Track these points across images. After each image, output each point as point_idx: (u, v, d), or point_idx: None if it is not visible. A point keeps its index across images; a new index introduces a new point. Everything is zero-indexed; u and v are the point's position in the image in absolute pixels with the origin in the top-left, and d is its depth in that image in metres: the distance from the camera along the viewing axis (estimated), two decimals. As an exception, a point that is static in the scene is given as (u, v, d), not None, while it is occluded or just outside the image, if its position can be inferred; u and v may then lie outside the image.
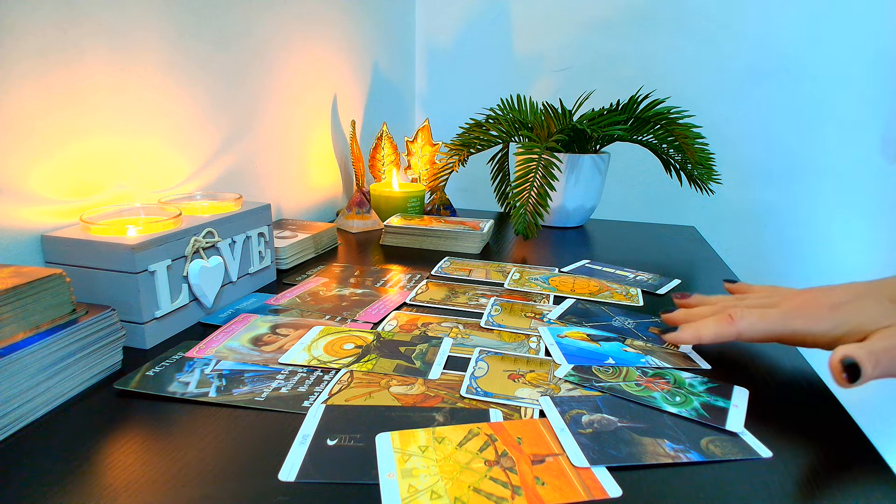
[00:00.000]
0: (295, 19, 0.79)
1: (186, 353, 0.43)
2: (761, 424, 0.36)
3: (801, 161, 1.16)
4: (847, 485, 0.30)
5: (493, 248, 0.79)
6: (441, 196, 0.98)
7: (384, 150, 0.96)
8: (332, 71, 0.93)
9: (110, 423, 0.34)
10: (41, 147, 0.45)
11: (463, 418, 0.35)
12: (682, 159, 0.86)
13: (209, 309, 0.51)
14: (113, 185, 0.52)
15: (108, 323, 0.39)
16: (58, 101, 0.46)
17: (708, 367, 0.44)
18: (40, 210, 0.45)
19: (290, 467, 0.30)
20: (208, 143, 0.64)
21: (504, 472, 0.30)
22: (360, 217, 0.86)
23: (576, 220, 0.94)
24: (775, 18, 1.10)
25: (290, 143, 0.82)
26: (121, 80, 0.52)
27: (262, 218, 0.57)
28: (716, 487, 0.30)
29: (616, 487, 0.29)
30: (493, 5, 1.23)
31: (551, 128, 0.83)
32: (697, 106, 0.94)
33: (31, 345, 0.34)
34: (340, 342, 0.45)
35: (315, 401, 0.37)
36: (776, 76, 1.13)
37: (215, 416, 0.35)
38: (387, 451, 0.32)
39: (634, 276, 0.66)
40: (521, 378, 0.41)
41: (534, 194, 0.77)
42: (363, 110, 1.06)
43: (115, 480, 0.29)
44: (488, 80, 1.27)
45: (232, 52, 0.67)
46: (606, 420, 0.36)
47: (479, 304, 0.55)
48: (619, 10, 1.16)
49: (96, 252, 0.42)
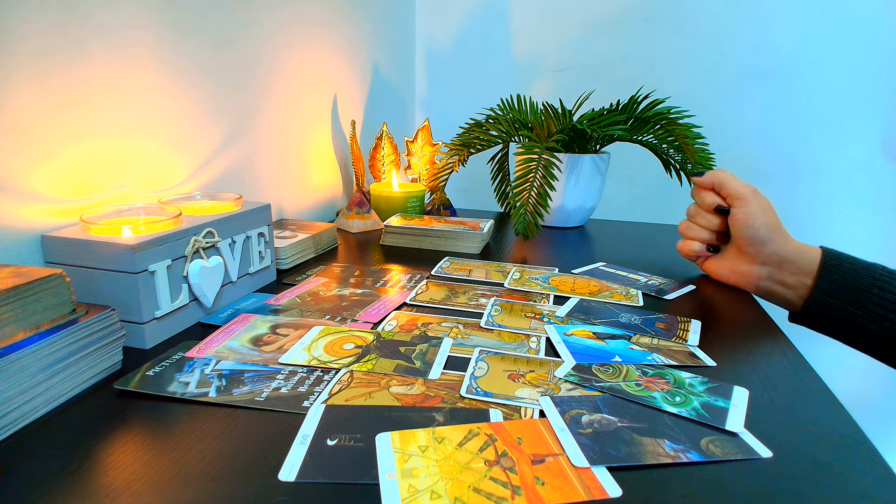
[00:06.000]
0: (295, 20, 0.79)
1: (186, 353, 0.43)
2: (761, 424, 0.36)
3: (801, 161, 1.16)
4: (847, 485, 0.30)
5: (493, 248, 0.79)
6: (441, 196, 0.98)
7: (384, 150, 0.96)
8: (332, 71, 0.93)
9: (110, 423, 0.34)
10: (41, 147, 0.45)
11: (463, 418, 0.35)
12: (682, 159, 0.86)
13: (209, 309, 0.51)
14: (113, 185, 0.52)
15: (108, 323, 0.39)
16: (58, 101, 0.46)
17: (713, 364, 0.44)
18: (40, 210, 0.45)
19: (290, 467, 0.30)
20: (208, 143, 0.64)
21: (504, 472, 0.30)
22: (360, 217, 0.86)
23: (576, 220, 0.94)
24: (775, 18, 1.10)
25: (290, 143, 0.82)
26: (121, 81, 0.52)
27: (262, 218, 0.57)
28: (716, 487, 0.30)
29: (616, 487, 0.29)
30: (493, 5, 1.23)
31: (551, 128, 0.83)
32: (697, 106, 0.94)
33: (31, 345, 0.34)
34: (340, 342, 0.45)
35: (315, 401, 0.37)
36: (776, 76, 1.13)
37: (215, 416, 0.35)
38: (387, 451, 0.32)
39: (647, 281, 0.65)
40: (521, 378, 0.41)
41: (534, 194, 0.77)
42: (363, 110, 1.06)
43: (115, 480, 0.29)
44: (488, 80, 1.27)
45: (232, 53, 0.67)
46: (606, 420, 0.36)
47: (479, 304, 0.55)
48: (619, 10, 1.16)
49: (96, 252, 0.42)
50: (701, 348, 0.47)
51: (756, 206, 0.58)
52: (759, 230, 0.57)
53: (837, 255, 0.54)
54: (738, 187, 0.59)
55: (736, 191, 0.59)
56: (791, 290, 0.56)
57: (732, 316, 0.56)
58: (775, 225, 0.57)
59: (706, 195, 0.62)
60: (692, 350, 0.47)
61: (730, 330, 0.52)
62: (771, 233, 0.57)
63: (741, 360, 0.45)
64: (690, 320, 0.53)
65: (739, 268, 0.61)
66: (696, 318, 0.54)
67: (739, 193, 0.58)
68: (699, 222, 0.64)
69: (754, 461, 0.32)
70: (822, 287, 0.53)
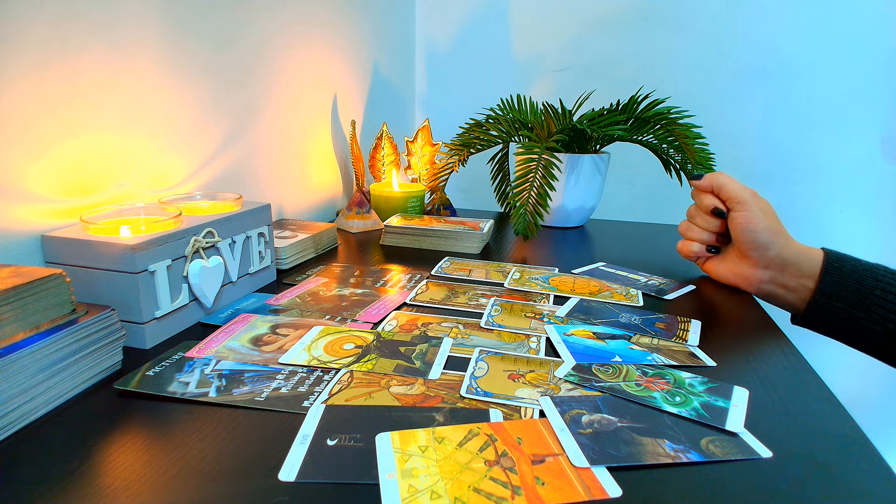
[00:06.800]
0: (295, 19, 0.79)
1: (186, 353, 0.43)
2: (761, 424, 0.36)
3: (802, 161, 1.16)
4: (847, 485, 0.30)
5: (493, 248, 0.79)
6: (441, 196, 0.98)
7: (384, 150, 0.96)
8: (332, 71, 0.93)
9: (110, 423, 0.34)
10: (41, 147, 0.45)
11: (463, 418, 0.35)
12: (682, 159, 0.86)
13: (209, 309, 0.51)
14: (113, 184, 0.52)
15: (108, 323, 0.39)
16: (58, 99, 0.46)
17: (713, 364, 0.44)
18: (40, 210, 0.45)
19: (290, 467, 0.30)
20: (208, 142, 0.64)
21: (504, 472, 0.30)
22: (360, 217, 0.86)
23: (576, 220, 0.94)
24: (775, 18, 1.10)
25: (290, 143, 0.82)
26: (121, 80, 0.52)
27: (262, 218, 0.57)
28: (716, 487, 0.30)
29: (616, 487, 0.29)
30: (493, 5, 1.23)
31: (551, 128, 0.83)
32: (697, 106, 0.94)
33: (31, 345, 0.34)
34: (340, 342, 0.45)
35: (315, 401, 0.37)
36: (776, 76, 1.13)
37: (215, 416, 0.35)
38: (387, 451, 0.32)
39: (647, 281, 0.65)
40: (521, 378, 0.41)
41: (534, 194, 0.77)
42: (363, 110, 1.06)
43: (115, 480, 0.29)
44: (488, 80, 1.27)
45: (232, 52, 0.67)
46: (606, 420, 0.36)
47: (479, 304, 0.55)
48: (619, 10, 1.16)
49: (96, 252, 0.42)
50: (701, 348, 0.47)
51: (756, 210, 0.57)
52: (760, 234, 0.56)
53: (840, 257, 0.53)
54: (737, 191, 0.58)
55: (735, 194, 0.58)
56: (793, 293, 0.56)
57: (732, 316, 0.56)
58: (777, 228, 0.57)
59: (705, 197, 0.62)
60: (692, 350, 0.47)
61: (730, 330, 0.52)
62: (773, 236, 0.56)
63: (741, 360, 0.45)
64: (690, 320, 0.53)
65: (741, 270, 0.60)
66: (696, 318, 0.54)
67: (739, 197, 0.58)
68: (699, 223, 0.64)
69: (754, 461, 0.32)
70: (824, 290, 0.52)
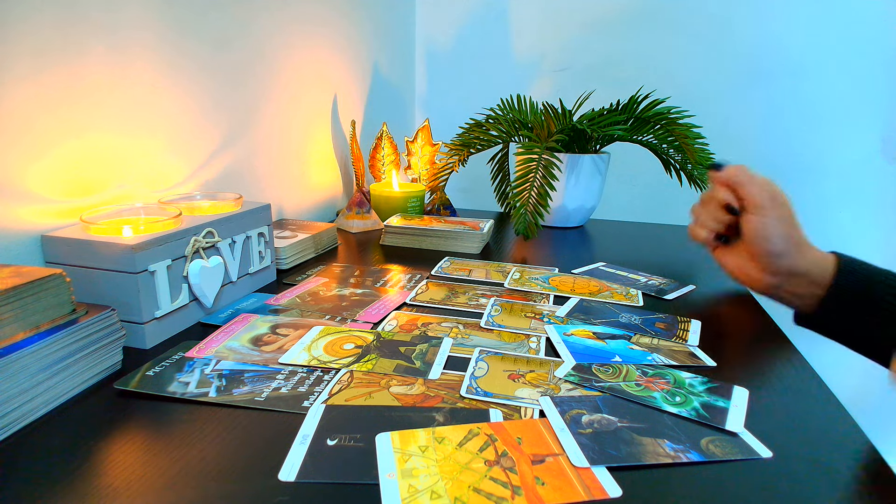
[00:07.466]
0: (295, 19, 0.79)
1: (186, 353, 0.43)
2: (761, 424, 0.36)
3: (802, 161, 1.16)
4: (847, 485, 0.30)
5: (493, 248, 0.79)
6: (441, 196, 0.98)
7: (384, 150, 0.96)
8: (332, 71, 0.93)
9: (110, 423, 0.34)
10: (42, 147, 0.45)
11: (463, 418, 0.35)
12: (682, 159, 0.86)
13: (209, 309, 0.51)
14: (113, 184, 0.52)
15: (108, 323, 0.39)
16: (58, 100, 0.46)
17: (713, 364, 0.44)
18: (40, 210, 0.45)
19: (290, 467, 0.30)
20: (208, 142, 0.64)
21: (504, 472, 0.30)
22: (360, 217, 0.86)
23: (576, 220, 0.94)
24: (776, 18, 1.10)
25: (290, 143, 0.82)
26: (121, 80, 0.52)
27: (262, 218, 0.57)
28: (716, 487, 0.30)
29: (616, 487, 0.29)
30: (493, 5, 1.23)
31: (551, 128, 0.83)
32: (697, 106, 0.93)
33: (31, 345, 0.34)
34: (340, 342, 0.45)
35: (315, 401, 0.37)
36: (776, 76, 1.13)
37: (215, 416, 0.35)
38: (387, 451, 0.32)
39: (647, 281, 0.65)
40: (521, 378, 0.41)
41: (534, 194, 0.77)
42: (363, 110, 1.06)
43: (115, 480, 0.29)
44: (488, 80, 1.27)
45: (232, 52, 0.67)
46: (606, 420, 0.36)
47: (479, 304, 0.55)
48: (619, 10, 1.16)
49: (96, 252, 0.42)
50: (701, 348, 0.47)
51: (773, 217, 0.52)
52: (774, 244, 0.52)
53: (851, 265, 0.51)
54: (755, 194, 0.53)
55: (752, 198, 0.53)
56: (800, 299, 0.53)
57: (732, 316, 0.56)
58: (796, 238, 0.52)
59: (720, 190, 0.57)
60: (692, 350, 0.47)
61: (730, 330, 0.52)
62: (787, 246, 0.52)
63: (741, 360, 0.45)
64: (690, 320, 0.53)
65: (748, 270, 0.56)
66: (696, 318, 0.54)
67: (756, 201, 0.53)
68: (710, 212, 0.59)
69: (754, 461, 0.32)
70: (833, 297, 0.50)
